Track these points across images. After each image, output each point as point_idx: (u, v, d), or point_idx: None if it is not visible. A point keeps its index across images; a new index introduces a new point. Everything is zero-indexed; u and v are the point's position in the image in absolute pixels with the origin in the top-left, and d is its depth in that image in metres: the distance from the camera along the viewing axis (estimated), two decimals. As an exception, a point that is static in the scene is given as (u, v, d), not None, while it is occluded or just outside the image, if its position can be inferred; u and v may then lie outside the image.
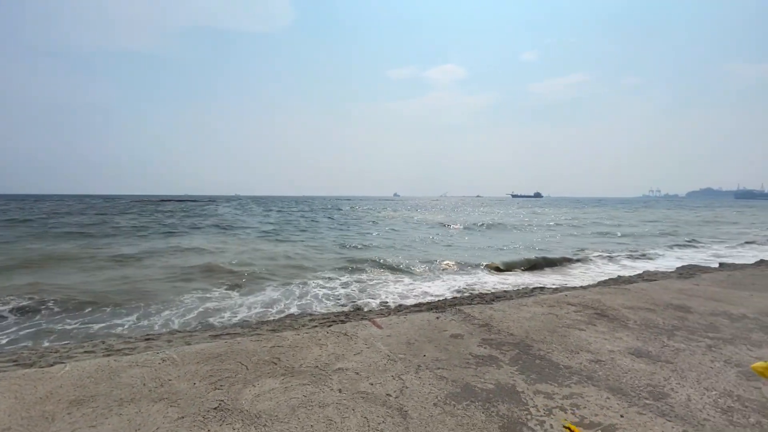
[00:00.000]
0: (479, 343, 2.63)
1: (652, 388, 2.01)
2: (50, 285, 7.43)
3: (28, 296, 6.63)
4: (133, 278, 8.20)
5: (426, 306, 6.12)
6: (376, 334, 2.78)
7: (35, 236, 15.44)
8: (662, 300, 3.77)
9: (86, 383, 2.06)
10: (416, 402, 1.86)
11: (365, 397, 1.91)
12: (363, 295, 7.31)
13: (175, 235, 16.71)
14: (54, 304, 6.26)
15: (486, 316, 3.20)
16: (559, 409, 1.80)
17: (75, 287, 7.41)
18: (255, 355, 2.40)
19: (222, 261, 10.25)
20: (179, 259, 10.67)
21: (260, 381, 2.07)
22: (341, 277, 8.70)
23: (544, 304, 3.63)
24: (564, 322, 3.09)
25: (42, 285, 7.37)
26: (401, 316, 3.26)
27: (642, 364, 2.29)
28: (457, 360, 2.35)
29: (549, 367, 2.26)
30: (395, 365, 2.26)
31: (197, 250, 12.31)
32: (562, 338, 2.72)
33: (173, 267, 9.45)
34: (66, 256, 10.67)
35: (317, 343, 2.60)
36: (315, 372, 2.17)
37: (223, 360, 2.34)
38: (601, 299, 3.78)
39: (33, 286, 7.24)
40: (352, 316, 5.51)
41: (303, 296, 7.20)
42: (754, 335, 2.79)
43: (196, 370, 2.21)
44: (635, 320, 3.12)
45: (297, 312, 6.36)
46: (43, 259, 10.20)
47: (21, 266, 9.27)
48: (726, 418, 1.73)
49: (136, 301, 6.59)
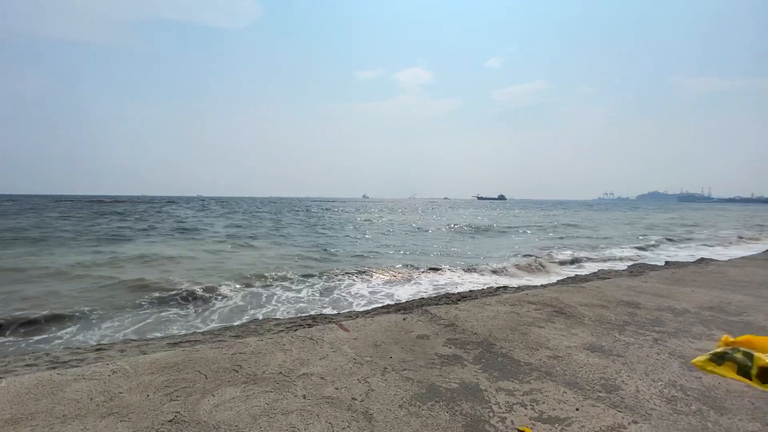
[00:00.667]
0: (444, 342, 2.67)
1: (605, 381, 2.12)
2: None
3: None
4: (70, 292, 7.62)
5: (394, 307, 6.14)
6: (343, 338, 2.75)
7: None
8: (614, 297, 3.99)
9: (25, 400, 1.89)
10: (381, 405, 1.86)
11: (330, 402, 1.88)
12: (331, 299, 7.24)
13: (129, 240, 15.76)
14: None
15: (451, 316, 3.26)
16: (520, 405, 1.86)
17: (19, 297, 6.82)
18: (215, 363, 2.30)
19: (178, 268, 9.80)
20: (127, 266, 10.08)
21: (220, 390, 1.99)
22: (310, 282, 8.56)
23: (507, 302, 3.75)
24: (525, 320, 3.20)
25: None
26: (368, 319, 3.25)
27: (596, 359, 2.41)
28: (423, 360, 2.37)
29: (510, 365, 2.33)
30: (361, 368, 2.25)
31: (150, 255, 11.70)
32: (523, 336, 2.81)
33: (117, 276, 8.91)
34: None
35: (281, 348, 2.54)
36: (278, 378, 2.11)
37: (180, 369, 2.23)
38: (559, 297, 3.95)
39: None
40: (320, 320, 5.44)
41: (269, 302, 7.02)
42: (695, 328, 3.01)
43: (150, 380, 2.09)
44: (590, 317, 3.29)
45: (262, 317, 6.20)
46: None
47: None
48: (670, 407, 1.85)
49: (79, 312, 6.15)
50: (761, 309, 3.58)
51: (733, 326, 3.07)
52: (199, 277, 8.69)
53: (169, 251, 12.41)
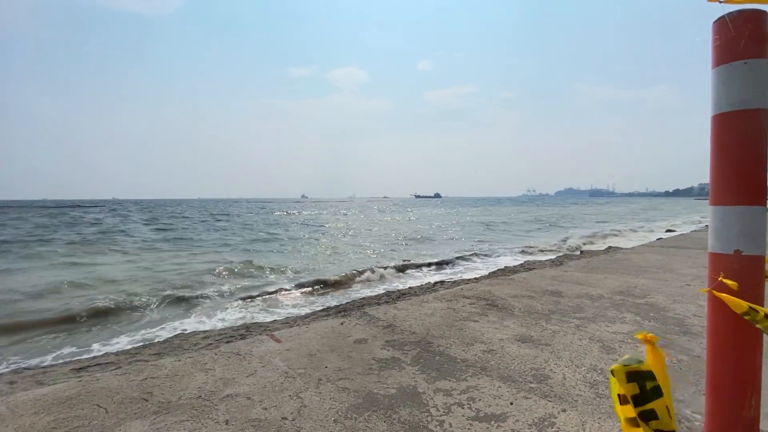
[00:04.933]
0: (382, 345, 2.60)
1: (535, 371, 2.20)
2: None
3: None
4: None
5: (334, 310, 5.98)
6: (274, 350, 2.55)
7: None
8: (540, 287, 4.25)
9: None
10: (314, 422, 1.72)
11: (257, 424, 1.70)
12: (266, 309, 6.86)
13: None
14: None
15: (390, 317, 3.20)
16: (458, 405, 1.84)
17: None
18: (119, 393, 1.99)
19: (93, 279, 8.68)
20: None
21: (123, 426, 1.70)
22: (244, 292, 8.05)
23: (443, 299, 3.80)
24: (460, 315, 3.25)
25: None
26: (303, 326, 3.07)
27: (526, 349, 2.50)
28: (360, 367, 2.27)
29: (448, 363, 2.32)
30: (293, 382, 2.08)
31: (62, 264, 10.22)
32: (459, 332, 2.84)
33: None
34: None
35: (202, 368, 2.27)
36: (197, 404, 1.87)
37: (73, 405, 1.88)
38: (491, 290, 4.10)
39: None
40: (253, 329, 5.11)
41: (198, 314, 6.46)
42: (609, 312, 3.29)
43: (33, 423, 1.74)
44: (520, 308, 3.44)
45: (189, 330, 5.67)
46: None
47: None
48: (593, 392, 1.96)
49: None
50: (660, 291, 4.03)
51: (640, 308, 3.40)
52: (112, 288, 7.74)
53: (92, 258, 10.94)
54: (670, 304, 3.54)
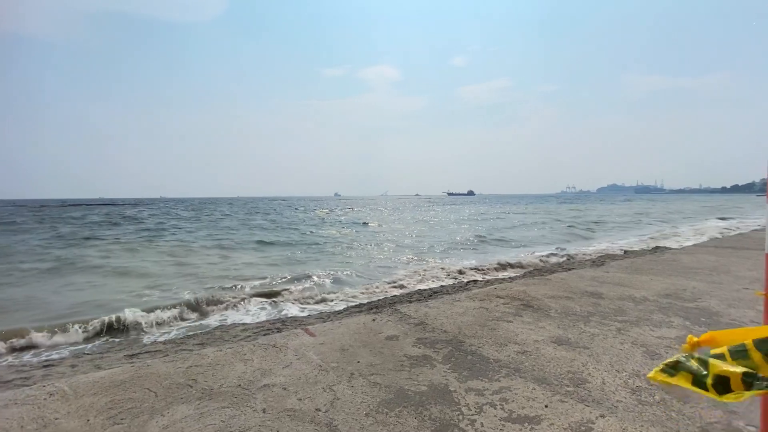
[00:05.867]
0: (414, 343, 2.61)
1: (572, 374, 2.12)
2: None
3: None
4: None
5: (366, 306, 6.05)
6: (309, 343, 2.63)
7: None
8: (579, 288, 4.08)
9: (-60, 434, 1.66)
10: (347, 414, 1.76)
11: (292, 415, 1.76)
12: (301, 303, 7.04)
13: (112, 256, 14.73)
14: None
15: (421, 314, 3.21)
16: (490, 405, 1.82)
17: None
18: (167, 379, 2.13)
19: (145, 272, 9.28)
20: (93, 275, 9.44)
21: (171, 409, 1.82)
22: (284, 287, 8.31)
23: (476, 298, 3.74)
24: (493, 315, 3.19)
25: None
26: (336, 322, 3.14)
27: (563, 352, 2.42)
28: (392, 363, 2.29)
29: (480, 362, 2.29)
30: (327, 375, 2.14)
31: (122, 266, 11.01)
32: (492, 332, 2.80)
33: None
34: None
35: (242, 358, 2.39)
36: (237, 392, 1.97)
37: (127, 388, 2.04)
38: (526, 290, 3.99)
39: None
40: (288, 323, 5.27)
41: (239, 308, 6.74)
42: (655, 316, 3.11)
43: (92, 403, 1.90)
44: (556, 309, 3.33)
45: (228, 323, 5.94)
46: None
47: None
48: (635, 398, 1.87)
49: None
50: (714, 294, 3.76)
51: (689, 312, 3.19)
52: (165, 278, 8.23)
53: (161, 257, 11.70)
54: (725, 308, 3.29)
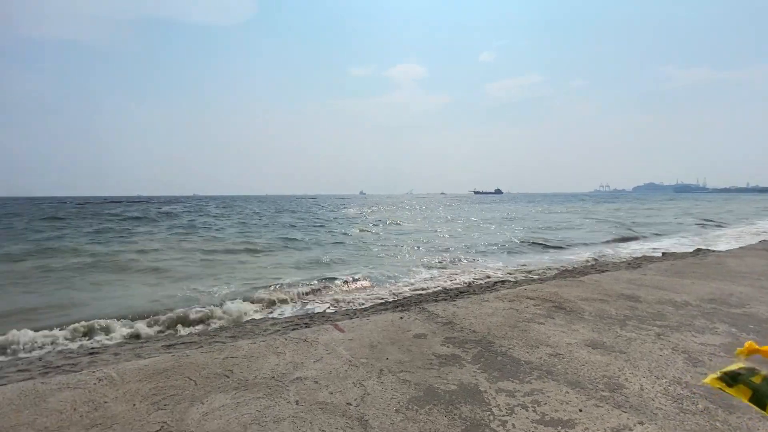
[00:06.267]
0: (442, 341, 2.60)
1: (607, 379, 2.06)
2: None
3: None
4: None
5: (392, 304, 6.08)
6: (338, 339, 2.68)
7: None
8: (614, 290, 3.94)
9: (6, 411, 1.81)
10: (377, 410, 1.79)
11: (324, 407, 1.81)
12: (329, 299, 7.15)
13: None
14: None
15: (449, 314, 3.19)
16: (521, 407, 1.79)
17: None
18: (205, 369, 2.23)
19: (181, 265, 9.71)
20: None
21: (210, 397, 1.91)
22: (310, 282, 8.48)
23: (505, 299, 3.68)
24: (524, 316, 3.13)
25: None
26: (364, 318, 3.18)
27: (598, 356, 2.35)
28: (421, 361, 2.30)
29: (510, 364, 2.26)
30: (357, 371, 2.18)
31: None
32: (523, 333, 2.75)
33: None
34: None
35: (275, 351, 2.46)
36: (271, 383, 2.04)
37: (168, 376, 2.15)
38: (558, 292, 3.89)
39: None
40: (317, 318, 5.37)
41: (269, 299, 6.93)
42: (698, 322, 2.96)
43: (138, 388, 2.02)
44: (590, 312, 3.23)
45: (259, 317, 6.12)
46: None
47: None
48: (677, 406, 1.79)
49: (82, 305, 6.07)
50: (763, 300, 3.53)
51: (736, 319, 3.02)
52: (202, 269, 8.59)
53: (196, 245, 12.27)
54: (776, 316, 3.09)
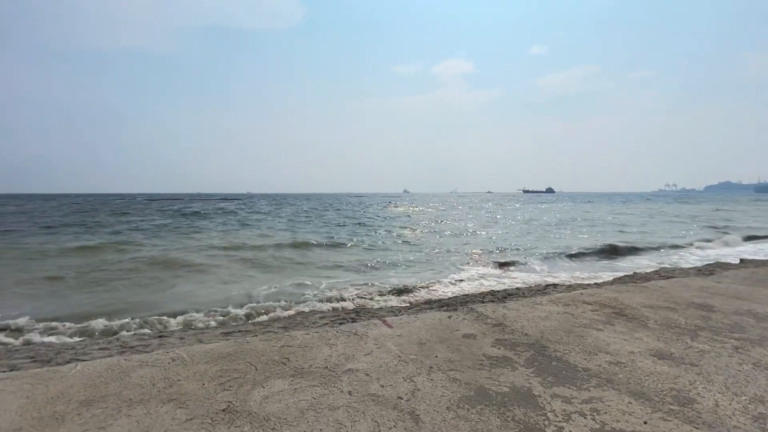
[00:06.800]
0: (492, 343, 2.56)
1: (676, 392, 1.92)
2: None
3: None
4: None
5: (437, 304, 6.06)
6: (387, 334, 2.72)
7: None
8: (683, 298, 3.63)
9: (97, 383, 2.05)
10: (428, 405, 1.80)
11: (376, 399, 1.86)
12: (372, 292, 7.27)
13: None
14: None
15: (499, 315, 3.12)
16: (579, 414, 1.72)
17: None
18: (264, 355, 2.37)
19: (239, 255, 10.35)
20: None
21: (269, 382, 2.04)
22: (357, 276, 8.67)
23: (559, 302, 3.53)
24: (580, 321, 2.99)
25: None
26: (412, 315, 3.20)
27: (665, 367, 2.19)
28: (471, 361, 2.28)
29: (566, 369, 2.18)
30: (406, 366, 2.21)
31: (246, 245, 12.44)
32: (579, 339, 2.63)
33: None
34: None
35: (327, 342, 2.56)
36: (325, 373, 2.13)
37: (232, 360, 2.31)
38: (618, 297, 3.66)
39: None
40: (363, 314, 5.48)
41: (316, 293, 7.20)
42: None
43: (205, 370, 2.19)
44: (655, 320, 3.01)
45: (308, 310, 6.36)
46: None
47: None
48: (758, 426, 1.63)
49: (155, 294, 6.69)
50: None
51: (833, 336, 2.67)
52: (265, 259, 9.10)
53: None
54: None
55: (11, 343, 4.67)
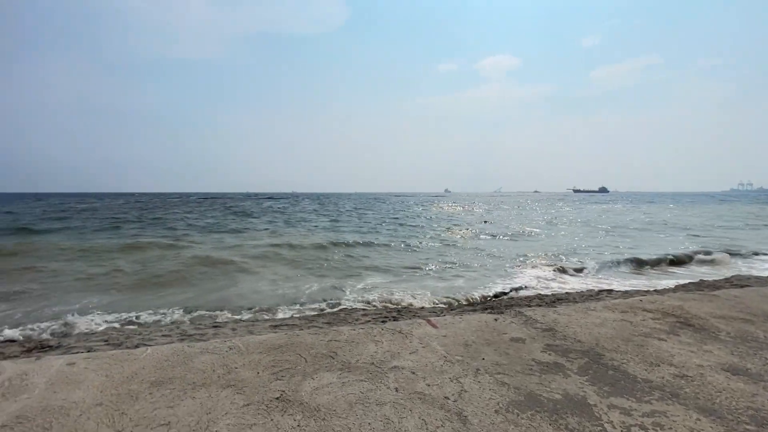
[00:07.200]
0: (543, 348, 2.47)
1: (754, 411, 1.75)
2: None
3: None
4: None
5: (480, 306, 5.93)
6: (431, 334, 2.72)
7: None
8: (762, 309, 3.29)
9: (164, 366, 2.23)
10: (476, 407, 1.78)
11: (422, 398, 1.86)
12: (415, 292, 7.26)
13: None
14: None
15: (549, 320, 3.01)
16: (639, 427, 1.62)
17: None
18: (313, 348, 2.46)
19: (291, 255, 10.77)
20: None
21: (318, 374, 2.11)
22: (397, 277, 8.71)
23: (616, 309, 3.33)
24: (640, 330, 2.80)
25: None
26: (456, 316, 3.17)
27: (740, 383, 2.00)
28: (519, 366, 2.22)
29: (624, 380, 2.05)
30: (452, 367, 2.19)
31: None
32: (639, 348, 2.47)
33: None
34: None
35: (372, 339, 2.60)
36: (371, 369, 2.17)
37: (283, 351, 2.42)
38: (683, 306, 3.38)
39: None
40: (404, 313, 5.50)
41: (358, 291, 7.32)
42: None
43: (260, 359, 2.31)
44: (728, 332, 2.75)
45: (350, 307, 6.48)
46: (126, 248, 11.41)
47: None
48: None
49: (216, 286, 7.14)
50: None
51: None
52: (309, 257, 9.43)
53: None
54: None
55: (91, 329, 5.19)
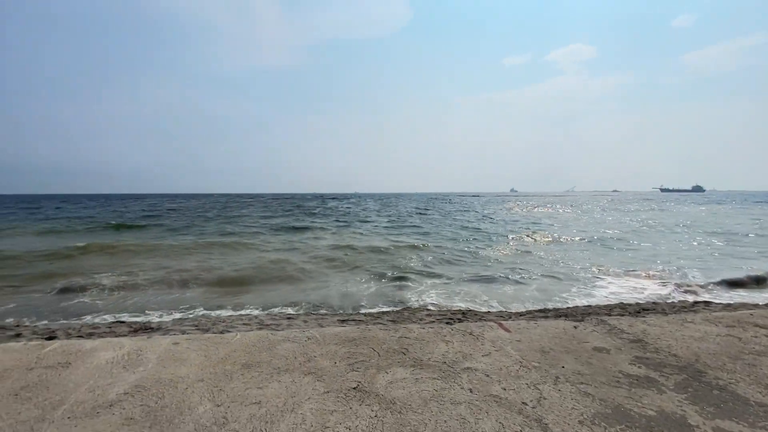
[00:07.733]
0: (631, 360, 2.28)
1: None
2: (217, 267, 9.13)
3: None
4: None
5: (553, 312, 5.61)
6: (504, 337, 2.64)
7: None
8: None
9: (252, 351, 2.45)
10: (557, 416, 1.70)
11: (498, 401, 1.83)
12: (482, 296, 7.07)
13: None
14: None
15: (638, 331, 2.76)
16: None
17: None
18: (385, 343, 2.53)
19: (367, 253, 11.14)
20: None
21: (392, 369, 2.17)
22: (460, 278, 8.57)
23: (719, 323, 2.95)
24: (751, 347, 2.46)
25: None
26: (531, 322, 3.04)
27: None
28: (604, 377, 2.08)
29: (733, 401, 1.82)
30: (529, 373, 2.12)
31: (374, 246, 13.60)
32: (751, 368, 2.17)
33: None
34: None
35: (443, 339, 2.60)
36: (443, 368, 2.17)
37: (357, 344, 2.52)
38: (808, 324, 2.90)
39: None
40: (469, 315, 5.39)
41: (419, 292, 7.33)
42: None
43: (336, 350, 2.44)
44: None
45: (415, 306, 6.51)
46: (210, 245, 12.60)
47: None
48: None
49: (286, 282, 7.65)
50: None
51: None
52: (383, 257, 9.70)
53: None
54: None
55: (184, 316, 5.85)
